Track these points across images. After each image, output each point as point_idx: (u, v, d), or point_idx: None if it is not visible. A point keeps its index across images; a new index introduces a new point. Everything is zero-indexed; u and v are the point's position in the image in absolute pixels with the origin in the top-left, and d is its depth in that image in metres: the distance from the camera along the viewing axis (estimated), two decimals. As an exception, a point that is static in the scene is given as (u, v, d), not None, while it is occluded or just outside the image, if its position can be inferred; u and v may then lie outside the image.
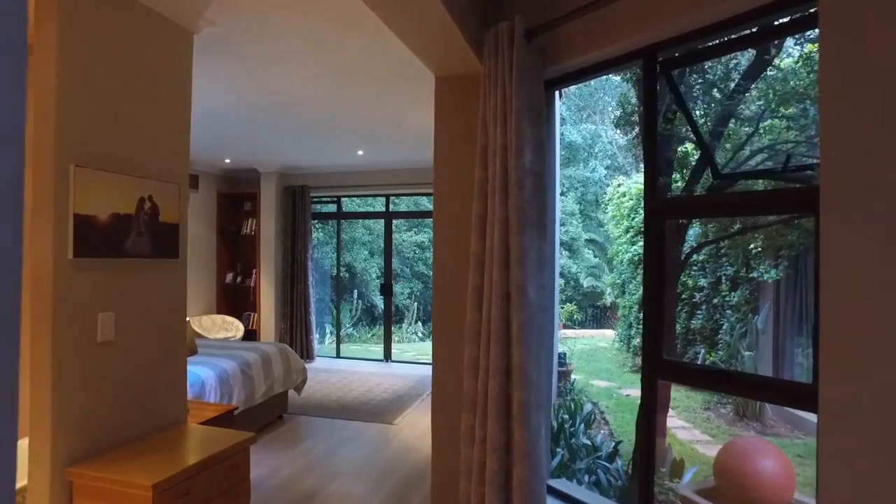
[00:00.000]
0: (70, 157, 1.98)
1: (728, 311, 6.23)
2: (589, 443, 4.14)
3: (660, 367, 1.79)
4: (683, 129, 4.14)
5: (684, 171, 4.56)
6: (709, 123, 3.77)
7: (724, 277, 6.35)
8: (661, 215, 1.81)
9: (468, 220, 2.24)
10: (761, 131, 4.26)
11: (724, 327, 6.23)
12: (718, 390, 2.30)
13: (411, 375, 7.12)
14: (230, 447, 2.21)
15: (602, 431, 5.51)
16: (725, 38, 1.80)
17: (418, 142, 5.83)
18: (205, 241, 7.69)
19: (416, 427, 4.91)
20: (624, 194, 9.00)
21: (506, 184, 1.99)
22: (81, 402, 2.03)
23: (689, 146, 4.50)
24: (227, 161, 7.20)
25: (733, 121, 4.29)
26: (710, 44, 1.83)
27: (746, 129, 4.37)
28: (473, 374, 2.12)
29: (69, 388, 1.98)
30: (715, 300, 6.46)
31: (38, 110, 1.96)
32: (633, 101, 4.66)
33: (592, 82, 14.12)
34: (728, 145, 4.19)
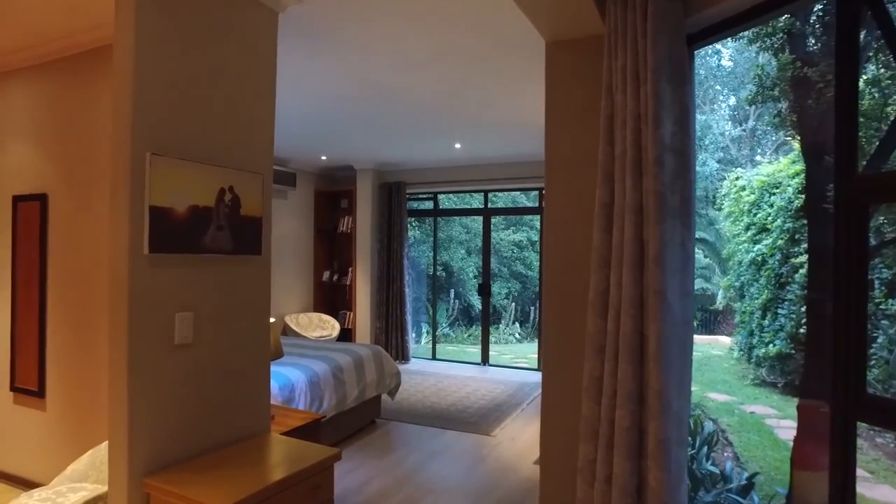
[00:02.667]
0: (146, 144, 1.83)
1: (884, 322, 5.28)
2: (716, 470, 3.59)
3: (860, 405, 1.31)
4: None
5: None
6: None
7: (877, 281, 5.40)
8: (866, 198, 1.33)
9: (587, 209, 1.85)
10: None
11: (878, 341, 5.29)
12: None
13: (510, 382, 6.74)
14: (313, 465, 2.00)
15: (725, 454, 4.85)
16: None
17: (517, 133, 5.47)
18: (303, 239, 7.76)
19: (515, 442, 4.53)
20: (743, 188, 8.04)
21: (639, 162, 1.58)
22: (159, 408, 1.89)
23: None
24: (324, 158, 7.20)
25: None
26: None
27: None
28: (595, 396, 1.73)
29: (146, 393, 1.85)
30: (865, 308, 5.50)
31: (115, 95, 1.83)
32: (773, 73, 4.00)
33: (702, 70, 13.01)
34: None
